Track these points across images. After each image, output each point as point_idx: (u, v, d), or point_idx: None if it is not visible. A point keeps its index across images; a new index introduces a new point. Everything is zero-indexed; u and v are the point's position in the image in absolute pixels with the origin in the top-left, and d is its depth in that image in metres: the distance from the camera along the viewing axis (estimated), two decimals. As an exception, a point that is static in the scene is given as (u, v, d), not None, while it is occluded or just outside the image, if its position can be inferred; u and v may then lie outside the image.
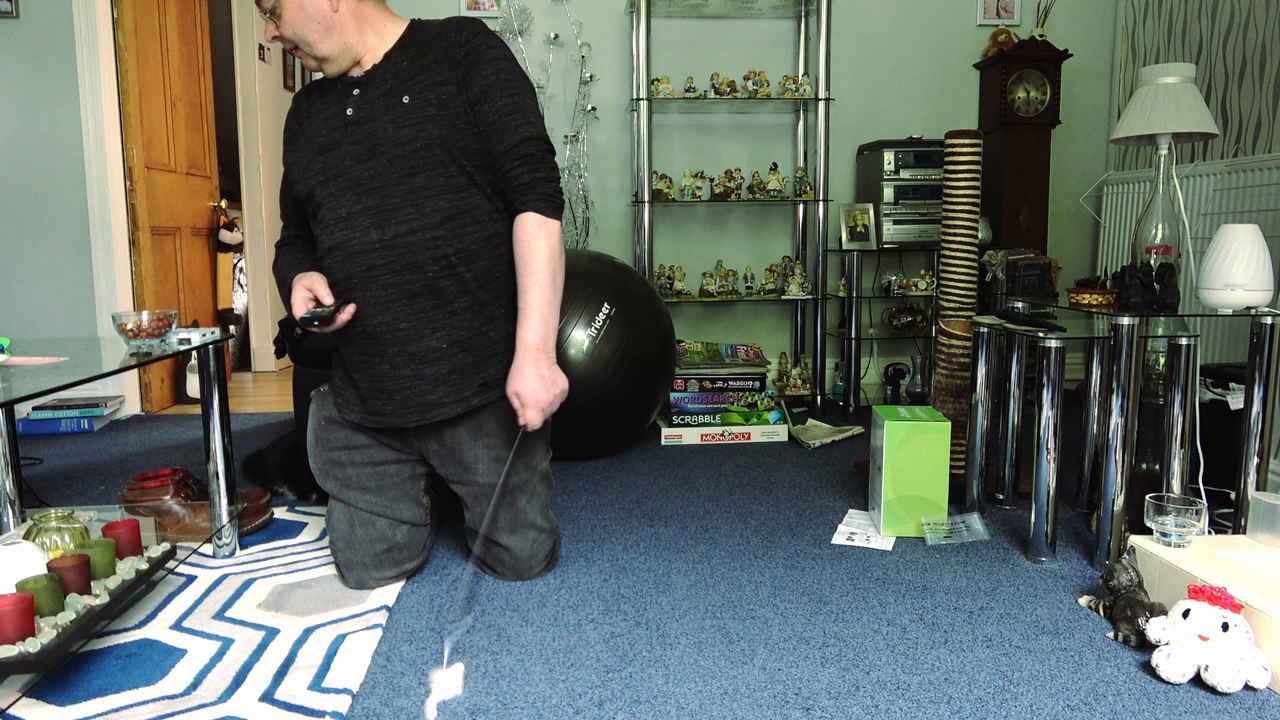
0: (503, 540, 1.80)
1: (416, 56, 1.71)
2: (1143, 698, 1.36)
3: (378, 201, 1.67)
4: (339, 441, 1.82)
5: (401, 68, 1.71)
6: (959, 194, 2.35)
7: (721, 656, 1.50)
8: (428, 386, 1.71)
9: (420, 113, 1.66)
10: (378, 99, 1.69)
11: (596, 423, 2.68)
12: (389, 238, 1.66)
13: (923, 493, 2.08)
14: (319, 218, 1.73)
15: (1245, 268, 1.82)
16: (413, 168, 1.66)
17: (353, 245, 1.68)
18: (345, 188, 1.69)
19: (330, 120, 1.72)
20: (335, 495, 1.82)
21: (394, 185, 1.66)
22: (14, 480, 1.91)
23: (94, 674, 1.44)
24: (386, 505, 1.80)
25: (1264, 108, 2.93)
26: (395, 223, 1.66)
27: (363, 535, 1.77)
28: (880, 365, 3.91)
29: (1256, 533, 1.72)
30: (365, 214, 1.67)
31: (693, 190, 3.56)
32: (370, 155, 1.67)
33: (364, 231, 1.67)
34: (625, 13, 3.69)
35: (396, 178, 1.66)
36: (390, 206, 1.66)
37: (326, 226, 1.71)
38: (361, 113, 1.70)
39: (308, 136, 1.75)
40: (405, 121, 1.66)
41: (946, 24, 3.83)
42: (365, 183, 1.67)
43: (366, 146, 1.68)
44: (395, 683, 1.41)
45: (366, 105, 1.70)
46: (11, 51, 3.39)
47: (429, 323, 1.69)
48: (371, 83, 1.71)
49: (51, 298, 3.51)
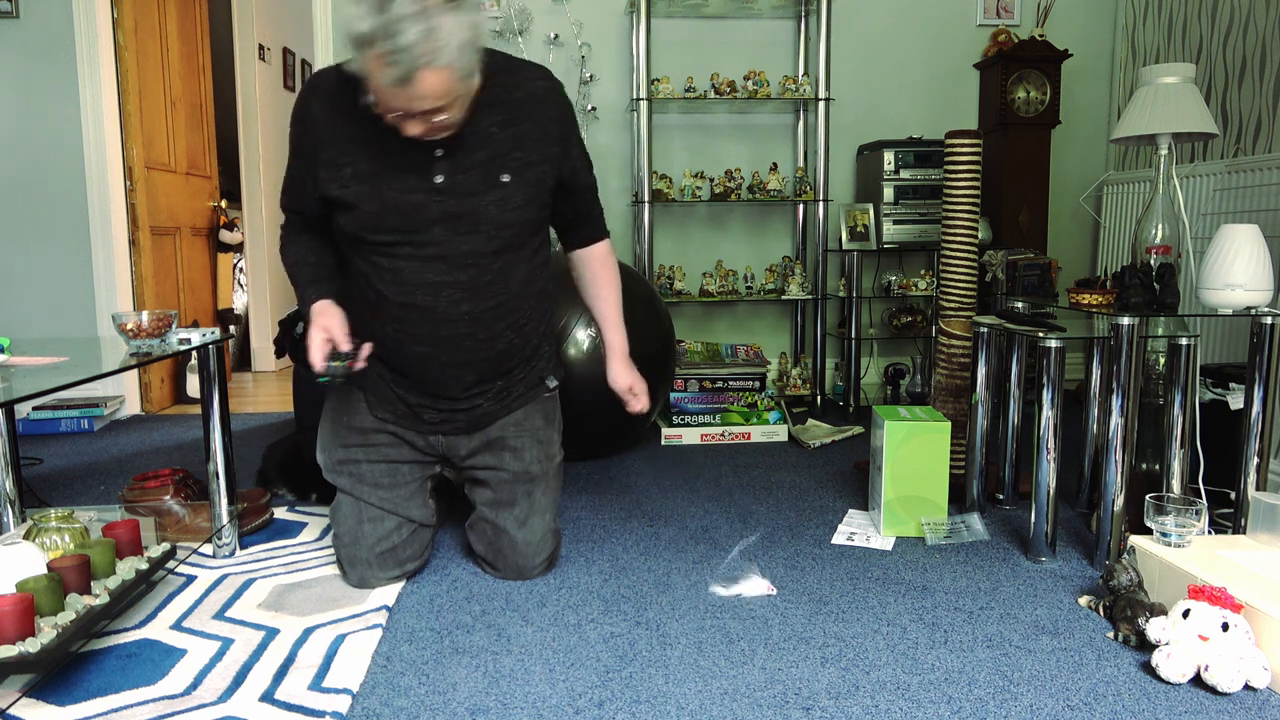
0: (511, 529, 1.81)
1: (507, 123, 1.64)
2: (1143, 698, 1.36)
3: (471, 277, 1.67)
4: (355, 438, 1.82)
5: (493, 136, 1.63)
6: (959, 194, 2.35)
7: (721, 656, 1.50)
8: (479, 403, 1.81)
9: (521, 195, 1.66)
10: (472, 171, 1.62)
11: (596, 423, 2.68)
12: (478, 310, 1.70)
13: (923, 493, 2.08)
14: (391, 269, 1.66)
15: (1245, 268, 1.82)
16: (506, 246, 1.69)
17: (439, 313, 1.68)
18: (434, 255, 1.64)
19: (408, 178, 1.61)
20: (347, 490, 1.81)
21: (488, 263, 1.68)
22: (14, 480, 1.91)
23: (94, 674, 1.44)
24: (398, 503, 1.80)
25: (1264, 108, 2.93)
26: (487, 297, 1.70)
27: (370, 532, 1.77)
28: (880, 365, 3.91)
29: (1256, 533, 1.72)
30: (456, 287, 1.67)
31: (693, 190, 3.56)
32: (468, 231, 1.64)
33: (453, 303, 1.67)
34: (625, 13, 3.68)
35: (491, 255, 1.68)
36: (484, 283, 1.69)
37: (404, 285, 1.66)
38: (455, 184, 1.62)
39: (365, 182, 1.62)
40: (509, 205, 1.65)
41: (946, 24, 3.83)
42: (459, 258, 1.65)
43: (465, 223, 1.63)
44: (395, 683, 1.41)
45: (460, 176, 1.62)
46: (11, 51, 3.39)
47: (494, 368, 1.78)
48: (458, 145, 1.61)
49: (51, 298, 3.51)
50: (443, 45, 1.40)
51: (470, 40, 1.45)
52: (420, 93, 1.44)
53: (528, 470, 1.84)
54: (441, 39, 1.40)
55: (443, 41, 1.40)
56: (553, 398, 1.92)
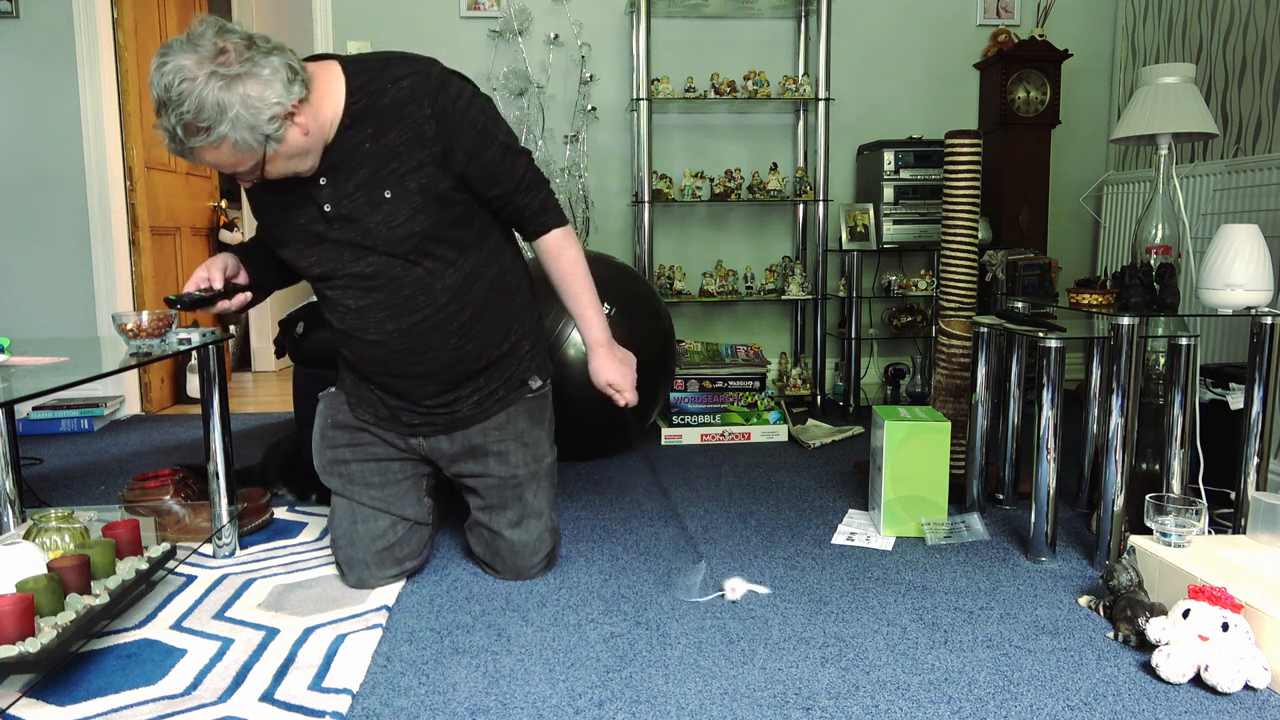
0: (505, 532, 1.81)
1: (377, 135, 1.55)
2: (1143, 698, 1.36)
3: (388, 296, 1.65)
4: (343, 439, 1.83)
5: (365, 151, 1.56)
6: (959, 194, 2.35)
7: (721, 656, 1.50)
8: (457, 408, 1.79)
9: (407, 206, 1.58)
10: (355, 194, 1.58)
11: (596, 423, 2.68)
12: (405, 327, 1.68)
13: (923, 493, 2.08)
14: (327, 299, 1.71)
15: (1245, 268, 1.82)
16: (414, 260, 1.63)
17: (371, 334, 1.69)
18: (348, 283, 1.65)
19: (305, 209, 1.60)
20: (339, 492, 1.82)
21: (400, 278, 1.64)
22: (14, 480, 1.90)
23: (94, 674, 1.44)
24: (390, 501, 1.80)
25: (1264, 108, 2.93)
26: (409, 312, 1.67)
27: (365, 532, 1.78)
28: (880, 365, 3.91)
29: (1256, 533, 1.72)
30: (377, 308, 1.66)
31: (693, 190, 3.56)
32: (367, 253, 1.61)
33: (379, 324, 1.67)
34: (625, 13, 3.68)
35: (401, 270, 1.63)
36: (401, 300, 1.65)
37: (339, 314, 1.70)
38: (342, 209, 1.58)
39: (281, 220, 1.63)
40: (395, 220, 1.58)
41: (946, 24, 3.83)
42: (368, 279, 1.64)
43: (360, 247, 1.61)
44: (395, 683, 1.41)
45: (345, 201, 1.58)
46: (11, 51, 3.39)
47: (455, 375, 1.75)
48: (337, 171, 1.57)
49: (51, 298, 3.51)
50: (210, 120, 1.37)
51: (247, 110, 1.39)
52: (209, 161, 1.45)
53: (514, 474, 1.82)
54: (207, 114, 1.36)
55: (208, 116, 1.37)
56: (539, 397, 1.87)
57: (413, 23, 3.65)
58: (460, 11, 3.66)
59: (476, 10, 3.66)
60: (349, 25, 3.64)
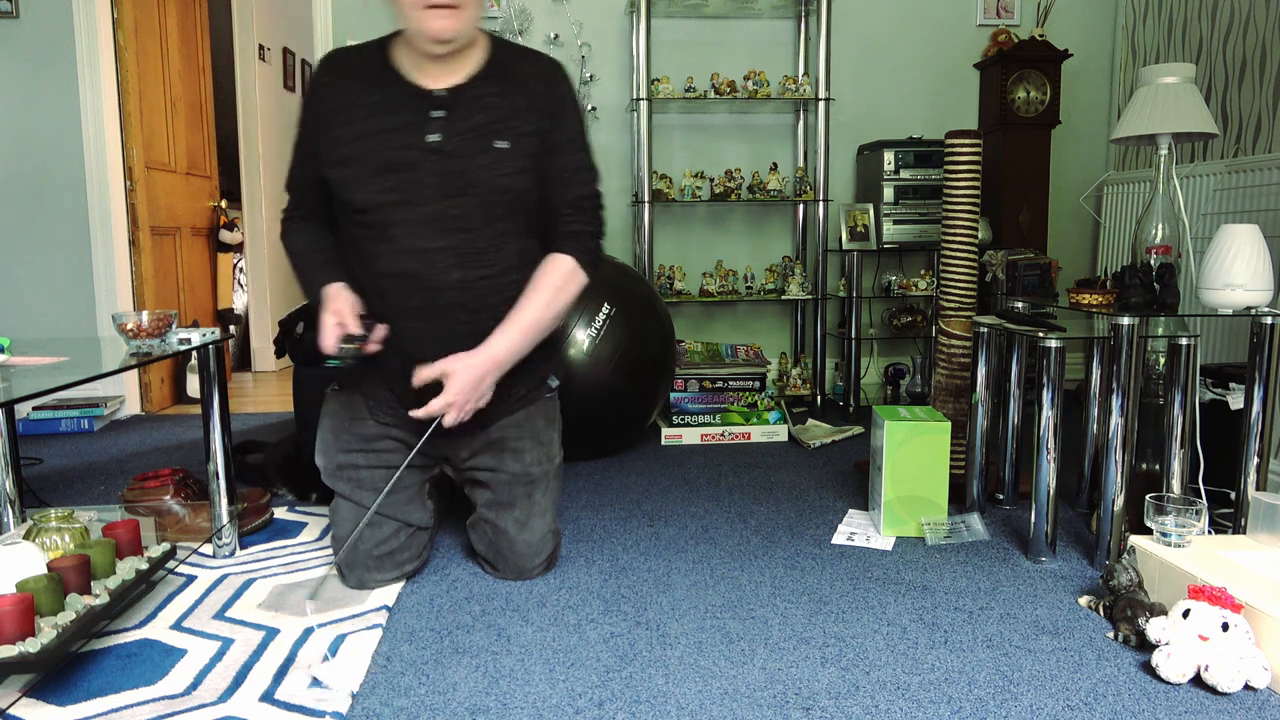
0: (510, 530, 1.81)
1: (504, 94, 1.68)
2: (1143, 698, 1.36)
3: (462, 242, 1.66)
4: (356, 444, 1.81)
5: (489, 103, 1.67)
6: (959, 194, 2.35)
7: (721, 656, 1.50)
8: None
9: (515, 163, 1.67)
10: (468, 134, 1.65)
11: (596, 423, 2.68)
12: (470, 279, 1.67)
13: (923, 493, 2.08)
14: (384, 236, 1.67)
15: (1245, 268, 1.82)
16: (501, 215, 1.67)
17: (429, 280, 1.66)
18: (425, 219, 1.65)
19: (402, 135, 1.64)
20: (346, 496, 1.81)
21: (481, 229, 1.67)
22: (14, 480, 1.91)
23: (94, 674, 1.44)
24: (397, 508, 1.80)
25: (1264, 108, 2.93)
26: (478, 265, 1.67)
27: (369, 536, 1.77)
28: (880, 365, 3.91)
29: (1256, 533, 1.72)
30: (448, 253, 1.65)
31: (693, 190, 3.56)
32: (460, 193, 1.64)
33: (444, 270, 1.66)
34: (625, 13, 3.68)
35: (484, 221, 1.66)
36: (475, 250, 1.67)
37: (396, 252, 1.66)
38: (451, 145, 1.64)
39: (361, 141, 1.64)
40: (501, 170, 1.65)
41: (946, 24, 3.83)
42: (451, 221, 1.65)
43: (457, 183, 1.64)
44: (395, 683, 1.41)
45: (456, 139, 1.64)
46: (11, 51, 3.39)
47: None
48: (456, 110, 1.65)
49: (51, 298, 3.51)
50: None
51: None
52: None
53: (528, 472, 1.83)
54: None
55: None
56: (554, 398, 1.91)
57: (413, 23, 3.65)
58: (460, 11, 3.66)
59: (476, 10, 3.66)
60: (349, 25, 3.64)
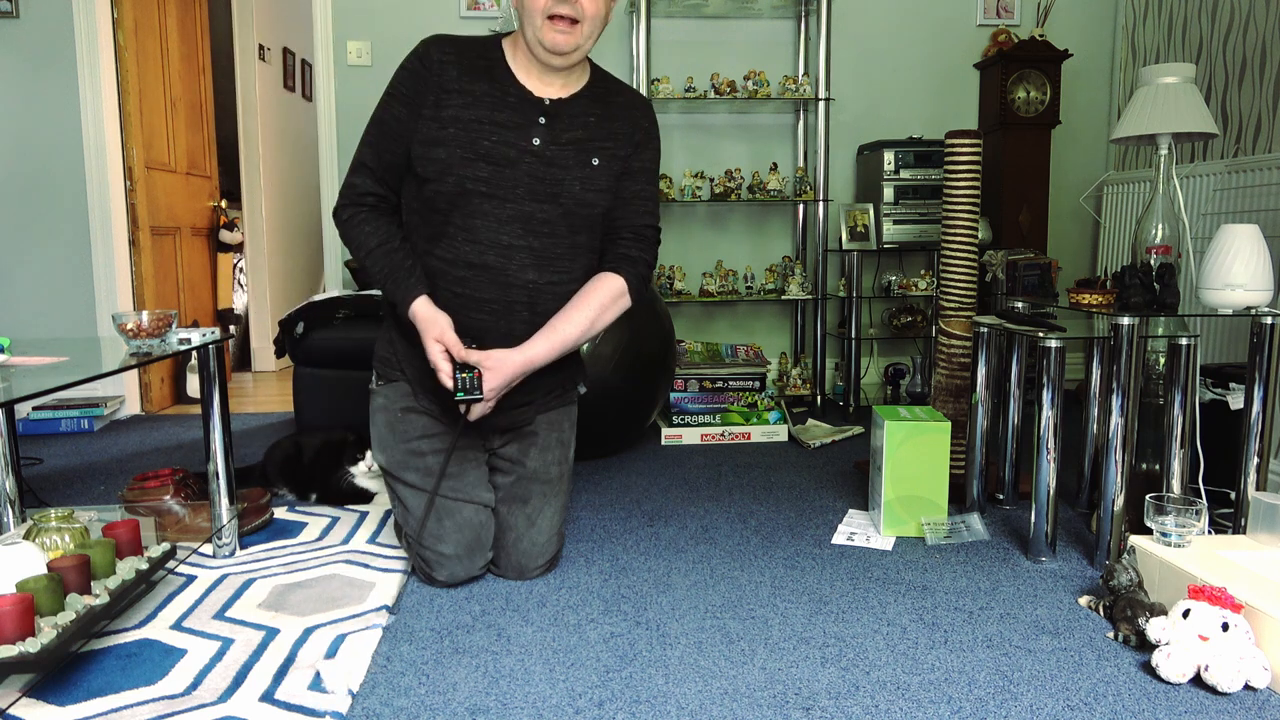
0: (519, 527, 1.82)
1: (604, 118, 1.76)
2: (1143, 698, 1.36)
3: (543, 245, 1.71)
4: (416, 431, 1.81)
5: (589, 121, 1.74)
6: (959, 194, 2.35)
7: (721, 656, 1.50)
8: (519, 396, 1.80)
9: (603, 182, 1.75)
10: (567, 145, 1.71)
11: (596, 423, 2.68)
12: (542, 282, 1.72)
13: (923, 493, 2.08)
14: (464, 224, 1.68)
15: (1245, 268, 1.82)
16: (581, 227, 1.75)
17: (504, 277, 1.70)
18: (512, 216, 1.69)
19: (507, 132, 1.68)
20: (418, 486, 1.78)
21: (562, 237, 1.73)
22: (14, 480, 1.91)
23: (94, 674, 1.44)
24: (468, 489, 1.80)
25: (1264, 108, 2.93)
26: (553, 271, 1.73)
27: (452, 526, 1.77)
28: (880, 365, 3.91)
29: (1256, 533, 1.72)
30: (527, 252, 1.70)
31: (693, 190, 3.56)
32: (549, 199, 1.70)
33: (521, 269, 1.70)
34: (625, 13, 3.68)
35: (566, 230, 1.73)
36: (554, 255, 1.73)
37: (475, 241, 1.69)
38: (550, 152, 1.70)
39: (466, 125, 1.66)
40: (592, 186, 1.73)
41: (946, 24, 3.83)
42: (536, 224, 1.70)
43: (548, 189, 1.70)
44: (395, 683, 1.41)
45: (555, 148, 1.70)
46: (11, 51, 3.39)
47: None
48: (559, 119, 1.72)
49: (51, 298, 3.50)
50: None
51: None
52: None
53: (547, 470, 1.87)
54: None
55: None
56: (576, 405, 1.97)
57: (413, 22, 3.65)
58: (460, 11, 3.66)
59: (476, 10, 3.66)
60: (349, 25, 3.65)
